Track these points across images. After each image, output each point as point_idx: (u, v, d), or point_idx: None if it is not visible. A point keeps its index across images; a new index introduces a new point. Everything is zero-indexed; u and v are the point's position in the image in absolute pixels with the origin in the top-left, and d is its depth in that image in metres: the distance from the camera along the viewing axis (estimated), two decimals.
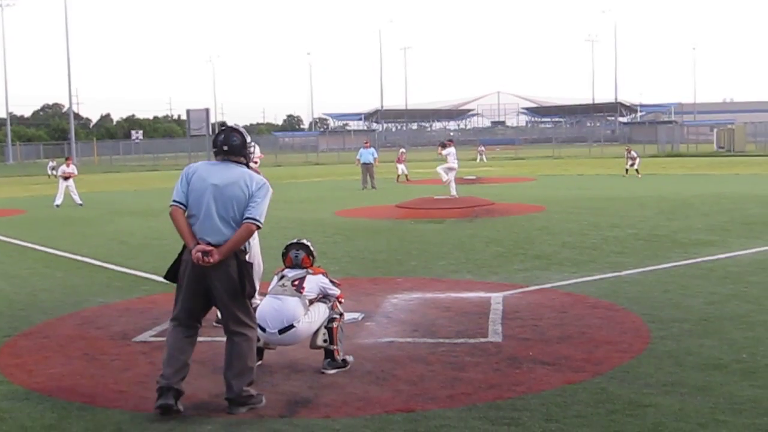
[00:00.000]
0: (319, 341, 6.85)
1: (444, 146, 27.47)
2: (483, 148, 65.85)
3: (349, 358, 6.99)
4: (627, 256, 12.72)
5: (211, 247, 5.78)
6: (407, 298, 9.81)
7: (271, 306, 6.78)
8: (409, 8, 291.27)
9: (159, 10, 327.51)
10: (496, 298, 9.62)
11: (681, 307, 8.90)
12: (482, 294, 9.94)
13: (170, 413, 5.77)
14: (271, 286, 7.08)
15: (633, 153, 37.12)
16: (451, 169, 26.68)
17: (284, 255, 7.21)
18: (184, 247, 5.97)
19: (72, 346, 8.01)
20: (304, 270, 7.02)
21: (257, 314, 6.59)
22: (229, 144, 6.06)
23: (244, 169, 6.09)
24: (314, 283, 6.94)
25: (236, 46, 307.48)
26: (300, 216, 21.01)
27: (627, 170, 36.38)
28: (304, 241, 7.28)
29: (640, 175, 35.01)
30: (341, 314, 7.10)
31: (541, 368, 6.76)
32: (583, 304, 9.24)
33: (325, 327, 6.88)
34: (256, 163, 9.49)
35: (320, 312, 6.89)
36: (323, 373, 6.77)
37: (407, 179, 37.59)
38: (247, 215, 5.87)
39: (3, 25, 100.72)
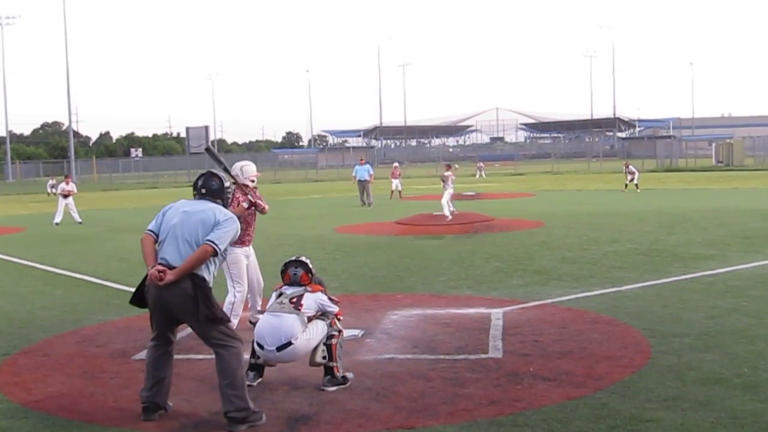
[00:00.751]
0: (318, 358, 6.85)
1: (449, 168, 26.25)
2: (482, 164, 66.06)
3: (349, 375, 6.98)
4: (627, 270, 12.71)
5: (164, 267, 5.94)
6: (407, 314, 9.80)
7: (269, 323, 6.80)
8: (407, 25, 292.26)
9: (158, 29, 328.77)
10: (496, 313, 9.61)
11: (681, 322, 8.89)
12: (482, 310, 9.92)
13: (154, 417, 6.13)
14: (269, 304, 7.08)
15: (632, 167, 37.19)
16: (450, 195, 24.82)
17: (283, 272, 7.22)
18: (146, 276, 6.12)
19: (71, 364, 7.99)
20: (303, 287, 7.02)
21: (255, 331, 6.75)
22: (208, 187, 6.38)
23: (218, 205, 6.33)
24: (312, 300, 6.93)
25: (235, 64, 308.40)
26: (299, 233, 21.02)
27: (626, 185, 36.43)
28: (303, 259, 7.28)
29: (639, 190, 35.05)
30: (340, 331, 7.10)
31: (542, 384, 6.74)
32: (584, 319, 9.23)
33: (324, 344, 6.88)
34: (252, 182, 9.51)
35: (318, 329, 6.89)
36: (323, 390, 6.75)
37: (400, 196, 37.37)
38: (206, 238, 6.03)
39: (3, 43, 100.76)
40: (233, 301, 9.19)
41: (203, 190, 6.36)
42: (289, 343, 6.69)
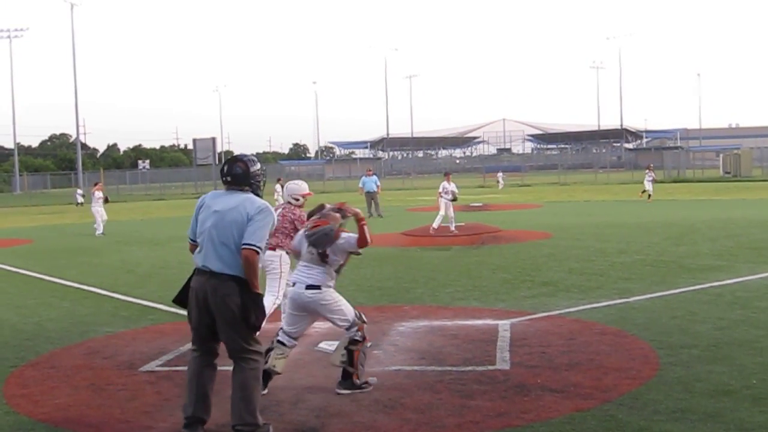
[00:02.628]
0: (337, 361, 6.95)
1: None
2: (502, 174, 66.30)
3: (372, 380, 7.06)
4: (634, 282, 12.68)
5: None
6: (414, 325, 9.78)
7: (302, 271, 7.05)
8: (414, 37, 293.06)
9: (166, 41, 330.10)
10: (504, 325, 9.59)
11: (689, 333, 8.85)
12: (489, 321, 9.90)
13: None
14: (300, 247, 7.20)
15: (653, 175, 37.23)
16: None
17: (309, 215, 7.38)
18: (193, 273, 6.04)
19: (78, 376, 7.99)
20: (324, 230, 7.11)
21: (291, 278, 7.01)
22: (232, 174, 6.15)
23: (248, 194, 6.12)
24: (335, 246, 7.09)
25: (242, 76, 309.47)
26: None
27: (649, 195, 36.34)
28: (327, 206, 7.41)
29: (645, 198, 35.13)
30: (364, 338, 7.10)
31: (550, 396, 6.72)
32: (591, 331, 9.20)
33: (345, 348, 6.95)
34: (298, 200, 9.53)
35: (345, 303, 7.11)
36: (337, 393, 6.86)
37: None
38: (243, 241, 5.83)
39: (11, 55, 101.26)
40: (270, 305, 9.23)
41: (228, 178, 6.15)
42: (318, 287, 6.92)
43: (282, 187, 27.90)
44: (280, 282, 9.43)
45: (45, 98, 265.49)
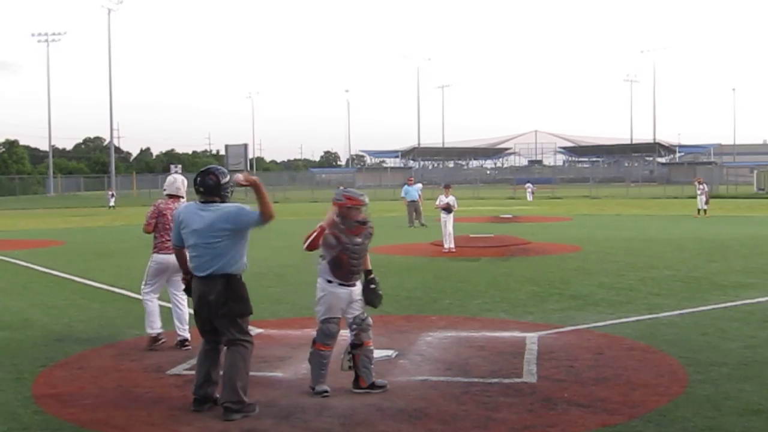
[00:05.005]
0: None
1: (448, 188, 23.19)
2: (531, 185, 65.98)
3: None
4: (664, 297, 12.57)
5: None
6: (441, 336, 9.76)
7: None
8: (447, 47, 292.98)
9: (200, 47, 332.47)
10: (531, 338, 9.54)
11: (719, 351, 8.76)
12: (517, 333, 9.86)
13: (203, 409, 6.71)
14: None
15: (705, 186, 36.89)
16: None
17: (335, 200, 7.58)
18: (190, 276, 6.90)
19: (106, 377, 8.05)
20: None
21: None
22: (205, 185, 6.83)
23: (218, 206, 6.77)
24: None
25: (275, 83, 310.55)
26: None
27: (699, 210, 36.07)
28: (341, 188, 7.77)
29: (707, 215, 34.97)
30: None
31: (576, 410, 6.68)
32: (620, 346, 9.13)
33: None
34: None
35: (324, 302, 7.41)
36: (352, 391, 7.21)
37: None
38: (251, 226, 6.72)
39: (48, 60, 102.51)
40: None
41: (201, 188, 6.82)
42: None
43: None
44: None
45: (80, 101, 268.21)
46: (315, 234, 7.29)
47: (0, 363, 8.72)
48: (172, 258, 8.20)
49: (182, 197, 9.76)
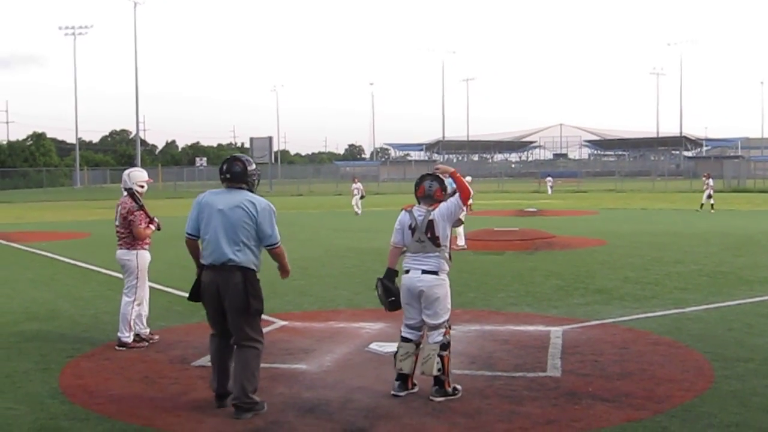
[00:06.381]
0: (434, 370, 6.84)
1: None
2: (551, 179, 65.56)
3: (459, 387, 7.01)
4: (690, 292, 12.49)
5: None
6: (465, 330, 9.75)
7: (415, 260, 6.99)
8: (472, 40, 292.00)
9: (225, 40, 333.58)
10: (556, 332, 9.51)
11: (746, 346, 8.69)
12: (541, 327, 9.83)
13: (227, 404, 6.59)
14: (407, 241, 7.08)
15: (711, 181, 36.56)
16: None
17: (417, 186, 7.21)
18: (202, 270, 6.75)
19: (132, 368, 8.11)
20: (427, 211, 7.01)
21: (403, 265, 7.09)
22: (232, 171, 6.71)
23: (246, 192, 6.68)
24: (440, 219, 6.96)
25: (300, 76, 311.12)
26: (359, 245, 21.06)
27: (702, 204, 35.74)
28: (439, 174, 7.23)
29: (709, 209, 34.59)
30: (449, 343, 7.05)
31: (601, 405, 6.65)
32: (645, 341, 9.08)
33: (438, 355, 6.86)
34: (143, 186, 9.82)
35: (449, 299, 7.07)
36: (431, 400, 6.80)
37: (470, 209, 37.29)
38: (265, 243, 6.62)
39: (75, 53, 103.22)
40: (138, 311, 9.46)
41: (228, 175, 6.70)
42: (436, 272, 6.90)
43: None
44: (138, 283, 9.54)
45: (106, 94, 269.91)
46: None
47: (27, 354, 8.82)
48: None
49: (124, 191, 9.75)
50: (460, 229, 20.14)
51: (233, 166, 6.71)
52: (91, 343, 9.40)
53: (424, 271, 6.92)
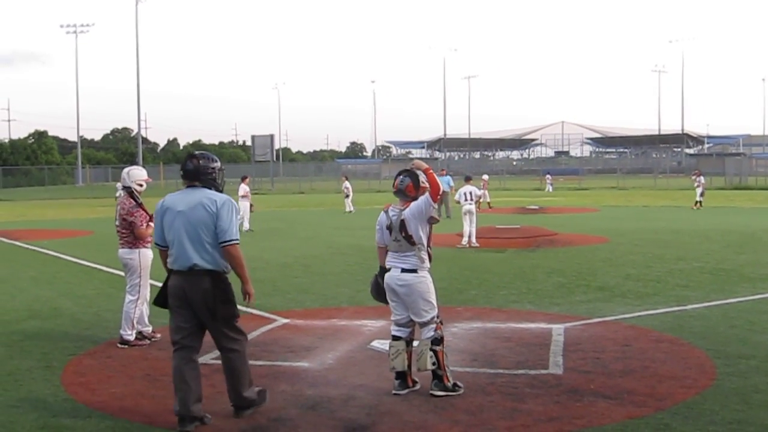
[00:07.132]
0: (429, 365, 6.87)
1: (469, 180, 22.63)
2: (550, 177, 65.42)
3: (461, 384, 7.01)
4: (692, 289, 12.48)
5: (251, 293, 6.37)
6: (467, 327, 9.76)
7: (395, 258, 7.08)
8: (474, 37, 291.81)
9: (226, 38, 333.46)
10: (558, 329, 9.51)
11: (748, 343, 8.69)
12: (543, 325, 9.84)
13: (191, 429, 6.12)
14: (384, 239, 7.25)
15: (701, 179, 36.39)
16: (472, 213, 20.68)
17: (393, 181, 7.34)
18: (169, 274, 6.42)
19: (134, 366, 8.13)
20: (400, 211, 7.11)
21: (386, 261, 7.15)
22: (184, 170, 6.46)
23: (204, 190, 6.38)
24: (414, 220, 7.00)
25: (301, 73, 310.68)
26: (361, 243, 21.04)
27: (698, 202, 35.60)
28: (416, 171, 7.26)
29: (698, 207, 34.48)
30: (442, 338, 7.08)
31: (603, 402, 6.65)
32: (647, 338, 9.08)
33: (431, 350, 6.90)
34: (142, 185, 9.78)
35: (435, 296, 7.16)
36: (431, 394, 6.83)
37: (489, 206, 37.60)
38: (220, 240, 6.19)
39: (77, 51, 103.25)
40: (140, 311, 9.44)
41: (182, 173, 6.49)
42: (414, 270, 6.96)
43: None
44: (141, 281, 9.49)
45: (108, 92, 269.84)
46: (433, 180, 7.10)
47: (30, 351, 8.83)
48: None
49: (123, 189, 9.73)
50: (472, 228, 20.22)
51: (186, 164, 6.46)
52: (94, 341, 9.42)
53: (403, 270, 7.01)
